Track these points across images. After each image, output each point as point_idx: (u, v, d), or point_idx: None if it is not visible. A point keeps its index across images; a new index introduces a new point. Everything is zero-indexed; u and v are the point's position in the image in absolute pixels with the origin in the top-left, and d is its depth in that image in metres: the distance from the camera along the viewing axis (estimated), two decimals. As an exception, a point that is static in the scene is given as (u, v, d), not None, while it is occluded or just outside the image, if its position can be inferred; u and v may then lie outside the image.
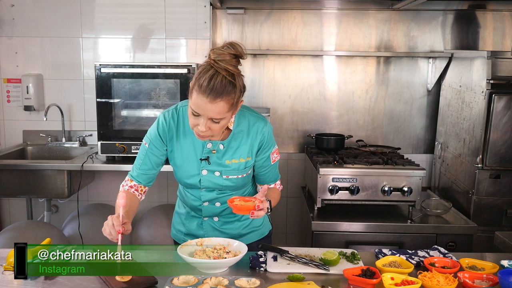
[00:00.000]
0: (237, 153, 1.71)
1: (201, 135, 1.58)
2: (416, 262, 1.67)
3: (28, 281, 1.48)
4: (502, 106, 2.55)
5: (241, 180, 1.75)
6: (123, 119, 2.96)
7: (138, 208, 1.75)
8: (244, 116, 1.71)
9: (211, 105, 1.49)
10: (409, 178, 2.62)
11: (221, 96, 1.49)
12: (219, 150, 1.70)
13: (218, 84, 1.48)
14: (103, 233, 1.52)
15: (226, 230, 1.82)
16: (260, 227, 1.89)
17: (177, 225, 1.91)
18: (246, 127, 1.70)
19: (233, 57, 1.52)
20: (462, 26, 3.26)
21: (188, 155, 1.71)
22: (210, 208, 1.79)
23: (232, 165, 1.71)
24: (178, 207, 1.93)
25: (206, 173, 1.72)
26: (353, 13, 3.26)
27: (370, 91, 3.35)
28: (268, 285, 1.46)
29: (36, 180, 2.88)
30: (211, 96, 1.48)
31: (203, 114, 1.52)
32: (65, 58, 3.30)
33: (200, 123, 1.54)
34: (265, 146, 1.73)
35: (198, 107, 1.51)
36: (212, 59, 1.51)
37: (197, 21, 3.24)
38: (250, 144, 1.71)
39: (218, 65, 1.50)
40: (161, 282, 1.47)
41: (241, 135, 1.70)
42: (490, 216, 2.66)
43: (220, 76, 1.49)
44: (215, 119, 1.53)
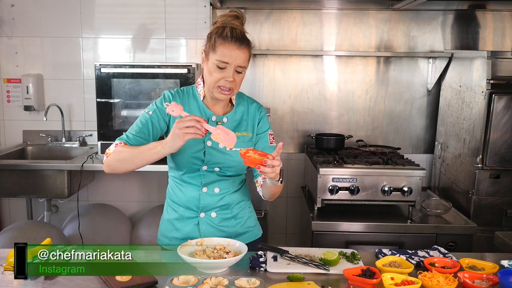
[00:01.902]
0: (240, 126, 1.80)
1: (227, 88, 1.67)
2: (416, 262, 1.66)
3: (28, 281, 1.48)
4: (502, 106, 2.55)
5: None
6: (123, 119, 2.96)
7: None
8: (243, 97, 1.87)
9: (239, 51, 1.66)
10: (409, 178, 2.62)
11: (245, 43, 1.68)
12: (223, 123, 1.77)
13: (240, 34, 1.68)
14: (184, 138, 1.54)
15: (224, 228, 1.81)
16: (254, 228, 1.90)
17: (169, 232, 1.84)
18: (246, 105, 1.84)
19: (237, 19, 1.72)
20: (462, 26, 3.26)
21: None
22: (208, 197, 1.78)
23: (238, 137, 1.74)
24: (168, 213, 1.87)
25: (210, 144, 1.74)
26: (353, 13, 3.26)
27: (370, 91, 3.35)
28: (268, 285, 1.46)
29: (36, 180, 2.88)
30: (237, 43, 1.66)
31: (231, 63, 1.65)
32: (65, 58, 3.30)
33: (226, 73, 1.66)
34: (262, 124, 1.84)
35: (226, 55, 1.65)
36: (221, 21, 1.72)
37: (197, 21, 3.24)
38: (251, 120, 1.83)
39: (230, 24, 1.69)
40: (161, 282, 1.47)
41: (241, 112, 1.82)
42: (490, 216, 2.66)
43: (238, 29, 1.69)
44: (239, 68, 1.67)
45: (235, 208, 1.83)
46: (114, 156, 1.74)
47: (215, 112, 1.78)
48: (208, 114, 1.77)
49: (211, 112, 1.78)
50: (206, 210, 1.80)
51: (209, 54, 1.70)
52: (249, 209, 1.91)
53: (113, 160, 1.74)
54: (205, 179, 1.78)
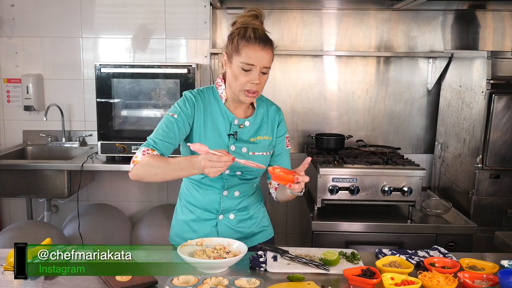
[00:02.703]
0: (261, 130, 1.80)
1: (253, 91, 1.66)
2: (416, 262, 1.67)
3: (28, 281, 1.48)
4: (502, 106, 2.55)
5: (265, 159, 1.79)
6: (123, 119, 2.96)
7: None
8: (262, 99, 1.86)
9: (263, 52, 1.64)
10: (409, 178, 2.62)
11: (268, 43, 1.67)
12: (245, 126, 1.78)
13: (263, 34, 1.67)
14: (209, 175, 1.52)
15: (241, 229, 1.83)
16: (268, 227, 1.94)
17: (185, 233, 1.82)
18: (266, 108, 1.84)
19: (256, 18, 1.70)
20: (462, 26, 3.26)
21: (216, 132, 1.75)
22: (228, 200, 1.79)
23: (258, 142, 1.79)
24: (183, 214, 1.85)
25: (234, 149, 1.74)
26: (353, 13, 3.26)
27: (370, 91, 3.35)
28: (268, 285, 1.46)
29: (36, 180, 2.88)
30: (262, 44, 1.64)
31: (256, 64, 1.64)
32: (65, 58, 3.30)
33: (252, 76, 1.65)
34: (280, 127, 1.86)
35: (251, 57, 1.63)
36: (240, 22, 1.69)
37: (197, 21, 3.24)
38: (271, 124, 1.83)
39: (251, 24, 1.67)
40: (161, 282, 1.47)
41: (261, 115, 1.82)
42: (490, 216, 2.66)
43: (260, 29, 1.67)
44: (264, 69, 1.66)
45: (251, 209, 1.86)
46: (143, 167, 1.64)
47: (237, 115, 1.78)
48: (230, 117, 1.76)
49: (233, 115, 1.77)
50: (225, 213, 1.81)
51: (233, 56, 1.67)
52: (262, 209, 1.94)
53: (142, 171, 1.65)
54: (227, 183, 1.78)
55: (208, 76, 3.27)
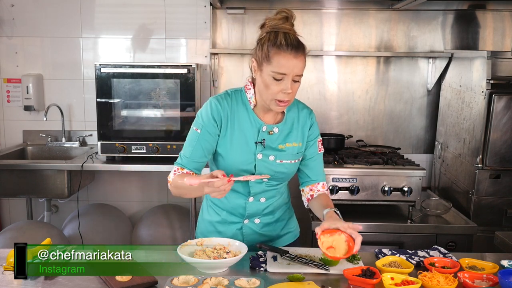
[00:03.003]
0: (290, 137, 1.72)
1: (285, 100, 1.59)
2: (416, 262, 1.66)
3: (28, 281, 1.48)
4: (502, 106, 2.55)
5: (293, 167, 1.74)
6: (123, 119, 2.96)
7: None
8: (293, 103, 1.75)
9: (296, 59, 1.55)
10: (409, 178, 2.62)
11: (300, 49, 1.57)
12: (274, 133, 1.70)
13: (294, 40, 1.57)
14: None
15: (266, 232, 1.81)
16: (294, 229, 1.91)
17: (210, 233, 1.81)
18: (296, 112, 1.75)
19: (286, 20, 1.60)
20: (462, 26, 3.26)
21: (243, 139, 1.68)
22: (254, 205, 1.75)
23: (287, 149, 1.71)
24: (209, 214, 1.83)
25: (261, 157, 1.68)
26: (353, 13, 3.26)
27: (370, 91, 3.35)
28: (268, 285, 1.46)
29: (36, 180, 2.88)
30: (294, 51, 1.55)
31: (288, 73, 1.55)
32: (65, 58, 3.30)
33: (284, 85, 1.56)
34: (312, 131, 1.77)
35: (283, 66, 1.55)
36: (270, 25, 1.60)
37: (197, 21, 3.24)
38: (301, 129, 1.74)
39: (281, 28, 1.58)
40: (161, 282, 1.47)
41: (292, 120, 1.74)
42: (490, 216, 2.66)
43: (291, 34, 1.58)
44: (296, 77, 1.58)
45: (277, 212, 1.83)
46: (174, 187, 1.68)
47: (265, 121, 1.70)
48: (259, 124, 1.69)
49: (261, 122, 1.69)
50: (251, 217, 1.79)
51: (263, 64, 1.58)
52: (289, 210, 1.90)
53: (175, 192, 1.69)
54: (253, 190, 1.74)
55: (208, 76, 3.27)
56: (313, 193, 1.78)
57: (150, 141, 2.91)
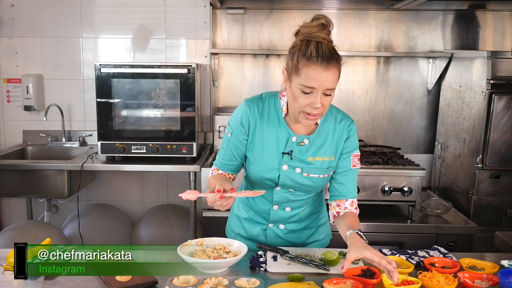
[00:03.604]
0: (321, 150, 1.63)
1: (314, 114, 1.49)
2: (416, 262, 1.66)
3: (28, 281, 1.48)
4: (502, 106, 2.55)
5: (321, 181, 1.67)
6: (123, 119, 2.96)
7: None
8: (331, 112, 1.65)
9: (326, 73, 1.44)
10: (409, 178, 2.62)
11: (333, 61, 1.45)
12: (304, 145, 1.62)
13: (327, 50, 1.45)
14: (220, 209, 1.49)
15: (290, 239, 1.77)
16: (323, 239, 1.84)
17: (236, 228, 1.82)
18: (333, 124, 1.64)
19: (323, 28, 1.49)
20: (462, 26, 3.26)
21: (270, 147, 1.63)
22: (278, 213, 1.72)
23: (315, 163, 1.63)
24: (239, 210, 1.83)
25: (286, 168, 1.62)
26: (353, 13, 3.26)
27: (370, 91, 3.35)
28: (268, 285, 1.46)
29: (36, 180, 2.88)
30: (324, 63, 1.44)
31: (318, 87, 1.45)
32: (65, 58, 3.30)
33: (313, 99, 1.47)
34: (348, 143, 1.65)
35: (312, 79, 1.45)
36: (304, 33, 1.49)
37: (197, 21, 3.24)
38: (336, 142, 1.64)
39: (315, 37, 1.47)
40: (161, 282, 1.47)
41: (326, 131, 1.64)
42: (490, 216, 2.66)
43: (324, 44, 1.46)
44: (327, 91, 1.47)
45: (304, 221, 1.79)
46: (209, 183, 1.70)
47: (296, 131, 1.62)
48: (289, 133, 1.62)
49: (292, 132, 1.62)
50: (275, 223, 1.77)
51: (292, 75, 1.50)
52: (320, 219, 1.83)
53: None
54: (277, 198, 1.70)
55: (208, 76, 3.27)
56: (339, 210, 1.69)
57: (150, 141, 2.91)
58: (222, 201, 1.46)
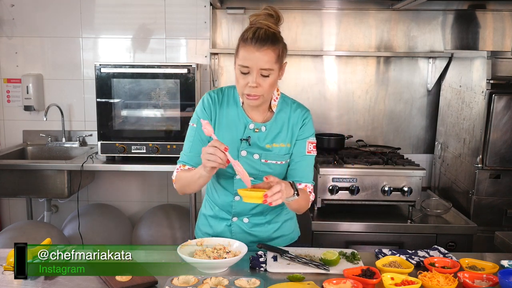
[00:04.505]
0: (279, 137, 1.71)
1: (253, 95, 1.59)
2: (416, 262, 1.67)
3: (28, 281, 1.48)
4: (502, 106, 2.55)
5: (279, 168, 1.72)
6: (123, 119, 2.96)
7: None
8: (287, 103, 1.75)
9: (259, 53, 1.55)
10: (409, 178, 2.62)
11: (266, 43, 1.56)
12: (261, 131, 1.69)
13: (263, 34, 1.57)
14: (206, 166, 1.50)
15: (255, 233, 1.79)
16: (290, 233, 1.87)
17: (203, 227, 1.86)
18: (289, 112, 1.73)
19: (270, 16, 1.63)
20: (462, 26, 3.26)
21: (226, 134, 1.69)
22: (240, 205, 1.74)
23: (273, 149, 1.70)
24: (205, 208, 1.87)
25: (245, 154, 1.69)
26: (353, 13, 3.26)
27: (370, 91, 3.35)
28: (268, 285, 1.46)
29: (36, 180, 2.88)
30: (258, 44, 1.55)
31: (252, 66, 1.55)
32: (65, 58, 3.30)
33: (249, 79, 1.57)
34: (303, 130, 1.73)
35: (246, 59, 1.56)
36: (251, 21, 1.63)
37: (197, 21, 3.24)
38: (292, 129, 1.72)
39: (258, 23, 1.60)
40: (161, 282, 1.47)
41: (282, 120, 1.72)
42: (490, 216, 2.66)
43: (263, 29, 1.58)
44: (264, 71, 1.56)
45: (269, 214, 1.80)
46: (177, 183, 1.73)
47: (254, 119, 1.70)
48: (246, 121, 1.70)
49: (249, 119, 1.70)
50: (239, 216, 1.79)
51: (235, 59, 1.62)
52: (286, 214, 1.85)
53: (179, 187, 1.74)
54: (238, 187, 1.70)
55: (208, 76, 3.27)
56: None
57: (150, 141, 2.91)
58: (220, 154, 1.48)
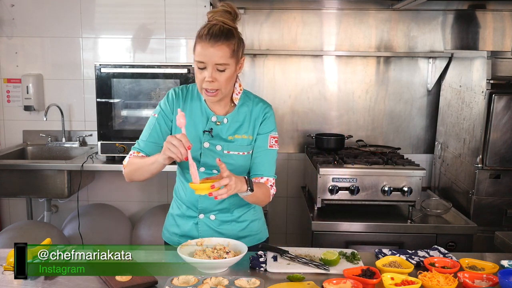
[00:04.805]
0: (241, 129, 1.75)
1: (209, 88, 1.62)
2: (416, 262, 1.67)
3: (28, 281, 1.48)
4: (502, 106, 2.55)
5: (241, 159, 1.74)
6: (123, 119, 2.96)
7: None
8: (249, 97, 1.79)
9: (213, 48, 1.58)
10: (409, 178, 2.62)
11: (220, 39, 1.59)
12: (223, 124, 1.73)
13: (217, 30, 1.60)
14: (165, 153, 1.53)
15: (222, 231, 1.79)
16: (257, 233, 1.87)
17: (171, 227, 1.87)
18: (251, 106, 1.77)
19: (227, 13, 1.65)
20: (462, 26, 3.26)
21: (190, 127, 1.72)
22: (206, 199, 1.75)
23: (235, 140, 1.73)
24: (172, 208, 1.89)
25: (208, 146, 1.72)
26: (353, 13, 3.26)
27: (370, 91, 3.35)
28: (268, 285, 1.46)
29: (36, 180, 2.88)
30: (212, 40, 1.58)
31: (207, 61, 1.59)
32: (65, 58, 3.30)
33: (206, 74, 1.61)
34: (265, 125, 1.76)
35: (200, 54, 1.60)
36: (208, 18, 1.65)
37: (197, 21, 3.24)
38: (253, 122, 1.76)
39: (214, 20, 1.63)
40: (161, 282, 1.47)
41: (244, 113, 1.76)
42: (490, 216, 2.66)
43: (218, 25, 1.61)
44: (219, 66, 1.60)
45: (236, 211, 1.81)
46: (127, 168, 1.75)
47: (216, 112, 1.75)
48: (208, 114, 1.74)
49: (211, 112, 1.74)
50: (205, 212, 1.79)
51: (194, 51, 1.65)
52: (254, 212, 1.86)
53: (128, 172, 1.75)
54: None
55: (208, 76, 3.27)
56: None
57: (150, 141, 2.90)
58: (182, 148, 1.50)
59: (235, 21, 1.67)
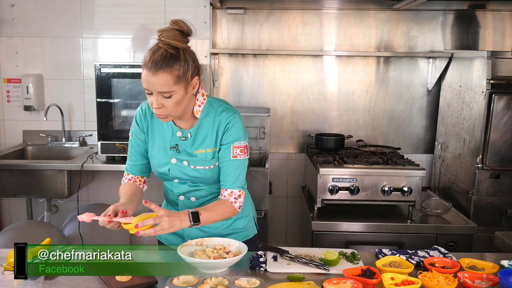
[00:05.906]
0: (204, 143, 1.71)
1: (157, 114, 1.60)
2: (416, 262, 1.66)
3: (28, 281, 1.48)
4: (502, 106, 2.55)
5: (209, 172, 1.73)
6: (123, 119, 2.96)
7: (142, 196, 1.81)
8: (213, 107, 1.71)
9: (154, 77, 1.53)
10: (409, 178, 2.62)
11: (162, 67, 1.52)
12: (187, 138, 1.71)
13: (159, 56, 1.52)
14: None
15: (205, 229, 1.79)
16: (242, 230, 1.85)
17: None
18: (213, 117, 1.70)
19: (177, 32, 1.56)
20: (462, 26, 3.26)
21: (159, 143, 1.75)
22: (186, 203, 1.79)
23: (199, 155, 1.71)
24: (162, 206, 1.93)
25: (175, 162, 1.73)
26: (353, 13, 3.26)
27: (370, 91, 3.35)
28: (268, 285, 1.46)
29: (36, 180, 2.88)
30: (153, 69, 1.52)
31: (151, 89, 1.56)
32: (65, 58, 3.30)
33: (152, 99, 1.58)
34: (227, 135, 1.69)
35: (145, 82, 1.55)
36: (158, 36, 1.57)
37: (197, 21, 3.23)
38: (216, 133, 1.70)
39: (161, 41, 1.56)
40: (161, 282, 1.47)
41: (207, 125, 1.70)
42: (490, 216, 2.66)
43: (162, 49, 1.54)
44: (165, 94, 1.55)
45: None
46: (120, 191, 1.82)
47: (181, 126, 1.72)
48: (173, 129, 1.72)
49: (176, 127, 1.72)
50: None
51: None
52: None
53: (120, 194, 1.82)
54: (178, 190, 1.78)
55: (208, 76, 3.27)
56: (220, 197, 1.73)
57: (150, 141, 2.91)
58: (112, 224, 1.56)
59: (186, 38, 1.59)
